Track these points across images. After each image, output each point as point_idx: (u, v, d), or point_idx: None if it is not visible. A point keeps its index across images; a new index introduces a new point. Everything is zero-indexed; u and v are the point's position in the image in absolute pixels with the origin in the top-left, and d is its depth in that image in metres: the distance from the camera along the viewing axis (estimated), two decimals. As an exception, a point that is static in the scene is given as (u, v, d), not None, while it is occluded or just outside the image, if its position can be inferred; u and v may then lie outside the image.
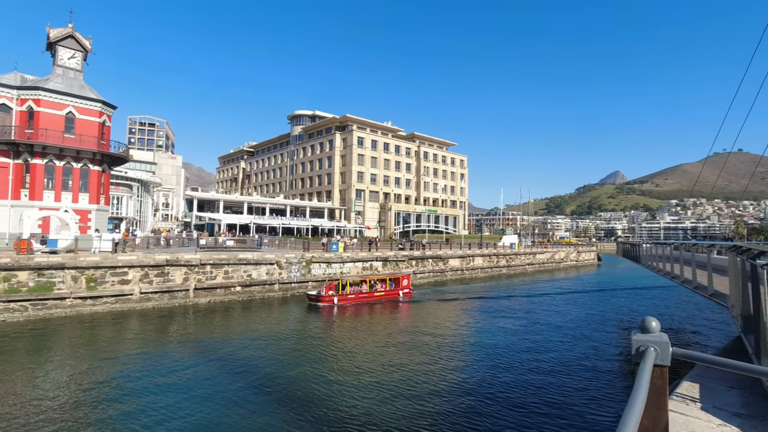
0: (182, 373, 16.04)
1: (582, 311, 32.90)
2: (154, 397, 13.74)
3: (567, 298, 39.38)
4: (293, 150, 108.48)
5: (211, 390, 14.29)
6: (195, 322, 25.72)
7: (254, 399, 13.48)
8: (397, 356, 18.58)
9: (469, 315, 30.14)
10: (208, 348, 20.03)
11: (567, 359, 18.84)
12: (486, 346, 21.12)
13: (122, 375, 15.98)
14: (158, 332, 23.15)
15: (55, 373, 16.21)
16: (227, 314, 28.27)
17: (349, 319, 27.16)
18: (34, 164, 34.08)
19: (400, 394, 13.62)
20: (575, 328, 25.91)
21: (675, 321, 29.46)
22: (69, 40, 37.10)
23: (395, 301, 34.75)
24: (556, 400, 13.65)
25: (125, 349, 19.76)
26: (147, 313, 27.41)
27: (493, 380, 15.44)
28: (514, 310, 32.52)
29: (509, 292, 43.14)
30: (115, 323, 24.67)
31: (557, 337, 23.47)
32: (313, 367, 17.05)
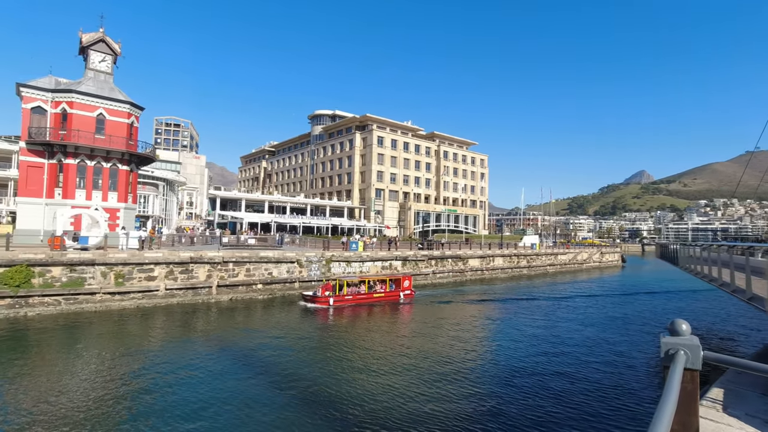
0: (204, 368, 16.43)
1: (606, 313, 32.17)
2: (179, 389, 14.13)
3: (590, 301, 38.57)
4: (313, 149, 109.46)
5: (232, 385, 14.61)
6: (218, 319, 26.28)
7: (264, 395, 13.71)
8: (401, 360, 18.54)
9: (487, 316, 29.84)
10: (230, 344, 20.45)
11: (591, 363, 18.47)
12: (502, 350, 20.84)
13: (149, 368, 16.48)
14: (183, 328, 23.76)
15: (88, 364, 16.84)
16: (248, 311, 28.78)
17: (346, 321, 27.03)
18: (67, 164, 35.38)
19: (409, 397, 13.62)
20: (599, 332, 25.38)
21: (706, 325, 28.53)
22: (100, 44, 38.36)
23: (395, 303, 32.45)
24: (580, 406, 13.42)
25: (152, 343, 20.37)
26: (172, 308, 28.15)
27: (510, 385, 15.26)
28: (534, 311, 32.04)
29: (529, 294, 42.53)
30: (142, 318, 25.44)
31: (580, 340, 23.03)
32: (325, 366, 17.20)
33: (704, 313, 33.34)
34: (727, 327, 28.11)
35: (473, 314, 30.35)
